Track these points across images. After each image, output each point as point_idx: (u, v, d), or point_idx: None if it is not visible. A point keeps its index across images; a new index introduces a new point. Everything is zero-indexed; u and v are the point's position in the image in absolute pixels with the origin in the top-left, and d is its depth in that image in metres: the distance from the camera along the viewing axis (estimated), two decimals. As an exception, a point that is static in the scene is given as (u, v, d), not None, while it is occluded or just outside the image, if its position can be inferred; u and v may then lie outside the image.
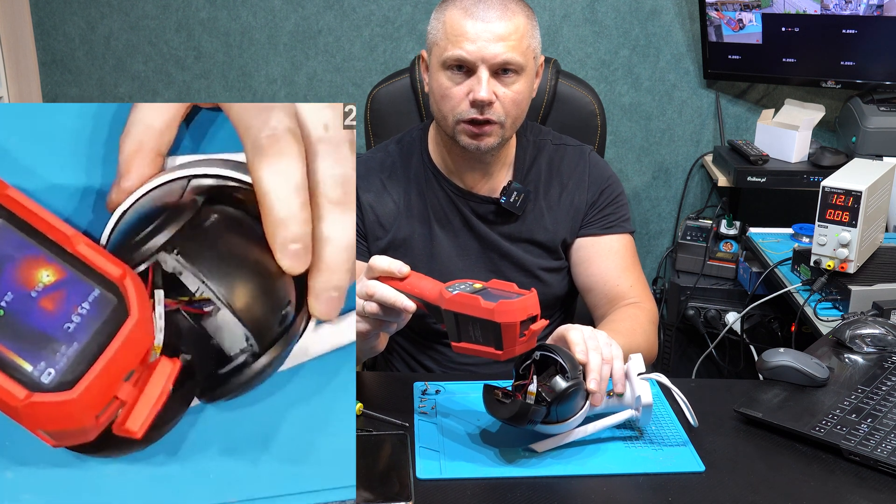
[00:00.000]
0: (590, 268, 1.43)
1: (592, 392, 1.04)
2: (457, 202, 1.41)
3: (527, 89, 1.31)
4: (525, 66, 1.28)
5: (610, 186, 1.44)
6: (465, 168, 1.40)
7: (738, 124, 2.57)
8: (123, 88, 2.65)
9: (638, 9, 2.48)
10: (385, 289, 1.05)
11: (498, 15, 1.26)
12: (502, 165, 1.41)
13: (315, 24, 2.55)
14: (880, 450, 1.02)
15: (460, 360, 1.45)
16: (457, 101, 1.29)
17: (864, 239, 1.53)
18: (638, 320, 1.35)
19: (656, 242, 2.70)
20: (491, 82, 1.26)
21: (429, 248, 1.41)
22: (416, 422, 1.11)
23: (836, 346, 1.29)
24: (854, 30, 2.20)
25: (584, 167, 1.44)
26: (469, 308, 0.99)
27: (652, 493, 0.98)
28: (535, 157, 1.44)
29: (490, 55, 1.25)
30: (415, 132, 1.47)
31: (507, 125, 1.31)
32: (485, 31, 1.25)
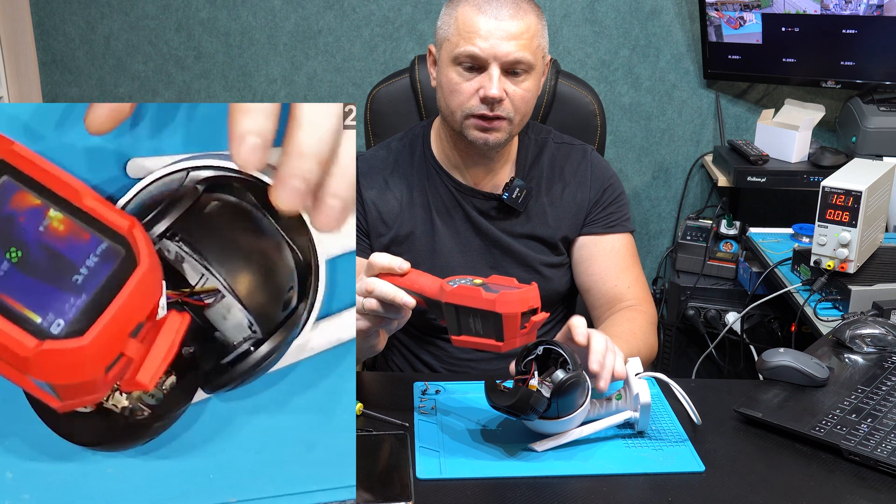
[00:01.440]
0: (590, 267, 1.44)
1: (594, 372, 1.04)
2: (459, 198, 1.42)
3: (535, 87, 1.33)
4: (535, 65, 1.30)
5: (612, 185, 1.46)
6: (469, 163, 1.41)
7: (738, 124, 2.57)
8: (123, 88, 2.65)
9: (638, 9, 2.48)
10: (385, 285, 1.05)
11: (510, 13, 1.27)
12: (505, 162, 1.43)
13: (315, 24, 2.55)
14: (880, 450, 1.02)
15: (460, 355, 1.45)
16: (466, 97, 1.30)
17: (864, 239, 1.53)
18: (636, 323, 1.35)
19: (656, 242, 2.70)
20: (502, 80, 1.28)
21: (431, 243, 1.42)
22: (416, 422, 1.11)
23: (836, 346, 1.29)
24: (854, 30, 2.20)
25: (587, 166, 1.45)
26: (470, 300, 1.00)
27: (652, 493, 0.98)
28: (537, 155, 1.45)
29: (502, 53, 1.26)
30: (417, 129, 1.48)
31: (516, 122, 1.33)
32: (497, 28, 1.26)
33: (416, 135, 1.46)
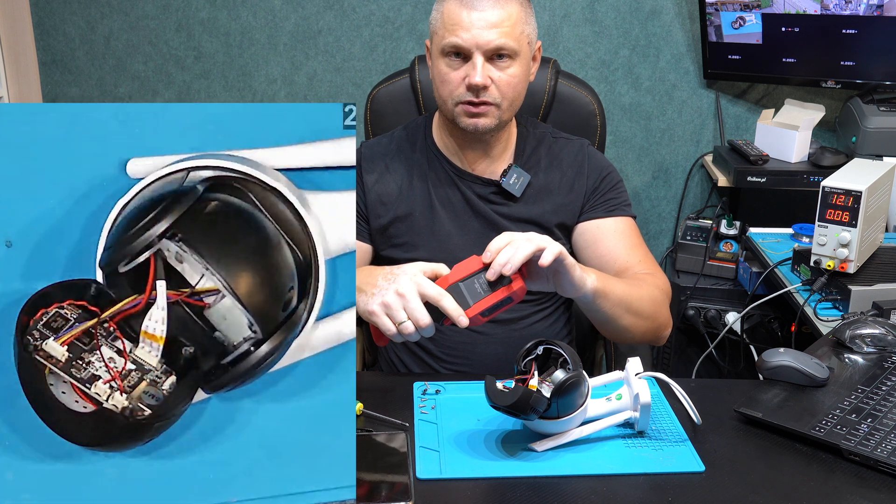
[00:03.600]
0: (597, 249, 1.45)
1: (485, 263, 1.10)
2: (458, 183, 1.46)
3: (522, 73, 1.37)
4: (519, 51, 1.35)
5: (610, 175, 1.49)
6: (465, 149, 1.45)
7: (738, 124, 2.57)
8: (123, 88, 2.65)
9: (638, 9, 2.48)
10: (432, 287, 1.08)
11: (491, 3, 1.33)
12: (503, 149, 1.47)
13: (315, 24, 2.55)
14: (880, 450, 1.02)
15: (457, 339, 1.46)
16: (454, 86, 1.36)
17: (864, 239, 1.53)
18: (645, 282, 1.35)
19: (656, 242, 2.70)
20: (486, 67, 1.33)
21: (430, 225, 1.46)
22: (416, 422, 1.11)
23: (836, 346, 1.29)
24: (854, 30, 2.20)
25: (583, 157, 1.49)
26: (466, 270, 1.09)
27: (652, 493, 0.98)
28: (535, 147, 1.49)
29: (484, 41, 1.32)
30: (420, 119, 1.54)
31: (504, 107, 1.37)
32: (479, 19, 1.32)
33: (419, 124, 1.52)
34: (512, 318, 1.46)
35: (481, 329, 1.44)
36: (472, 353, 1.46)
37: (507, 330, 1.45)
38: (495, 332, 1.45)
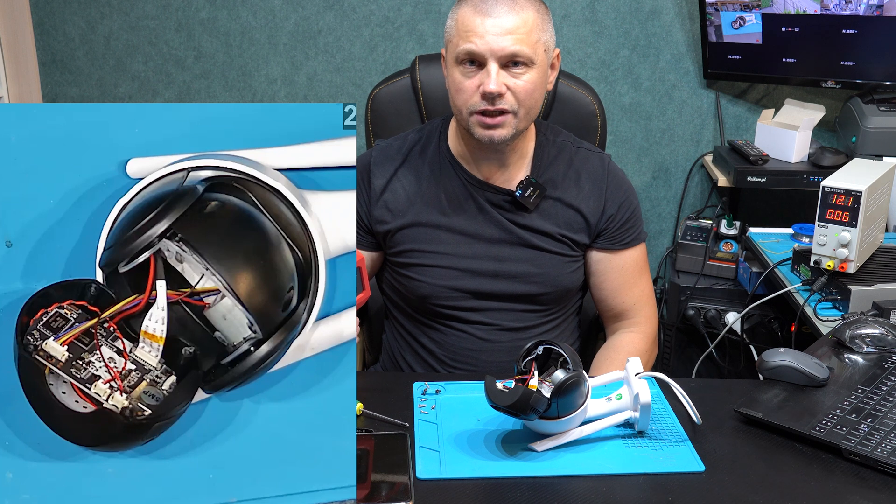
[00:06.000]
0: (603, 283, 1.49)
1: None
2: (472, 190, 1.44)
3: (538, 80, 1.34)
4: (534, 59, 1.32)
5: (628, 199, 1.48)
6: (481, 158, 1.43)
7: (738, 124, 2.57)
8: (123, 88, 2.65)
9: (638, 9, 2.48)
10: None
11: (506, 10, 1.30)
12: (520, 157, 1.44)
13: (315, 24, 2.55)
14: (880, 450, 1.02)
15: (461, 344, 1.46)
16: (469, 94, 1.33)
17: (864, 239, 1.53)
18: (634, 346, 1.45)
19: (656, 242, 2.70)
20: (501, 74, 1.31)
21: (435, 235, 1.44)
22: (416, 422, 1.11)
23: (836, 346, 1.29)
24: (854, 30, 2.20)
25: (604, 174, 1.46)
26: None
27: (652, 493, 0.98)
28: (554, 157, 1.46)
29: (498, 48, 1.29)
30: (436, 122, 1.51)
31: (521, 115, 1.35)
32: (493, 25, 1.29)
33: (434, 128, 1.50)
34: (519, 326, 1.46)
35: (488, 336, 1.45)
36: (477, 361, 1.45)
37: (514, 338, 1.45)
38: (502, 339, 1.45)
